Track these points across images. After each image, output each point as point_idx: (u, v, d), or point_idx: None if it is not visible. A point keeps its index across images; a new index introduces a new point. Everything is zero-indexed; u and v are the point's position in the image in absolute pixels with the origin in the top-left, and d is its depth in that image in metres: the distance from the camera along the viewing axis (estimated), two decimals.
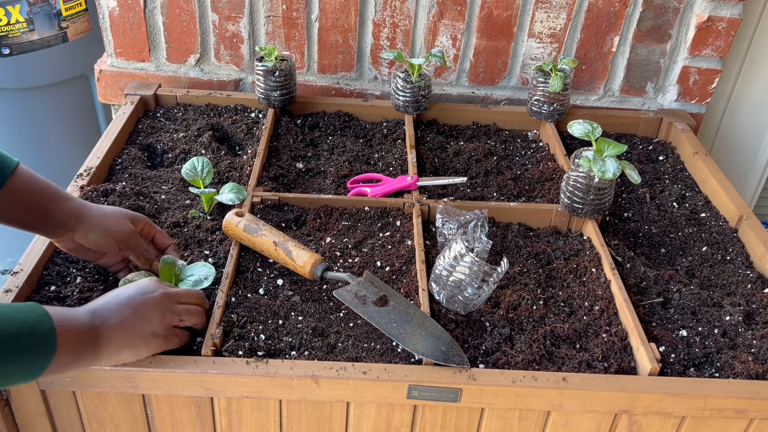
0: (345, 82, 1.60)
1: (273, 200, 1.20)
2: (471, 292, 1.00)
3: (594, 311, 1.03)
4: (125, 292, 0.87)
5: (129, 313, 0.84)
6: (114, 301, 0.85)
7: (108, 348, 0.82)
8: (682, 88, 1.57)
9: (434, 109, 1.51)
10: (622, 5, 1.48)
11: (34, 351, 0.74)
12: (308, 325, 0.97)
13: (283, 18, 1.51)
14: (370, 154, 1.40)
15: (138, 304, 0.85)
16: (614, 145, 1.12)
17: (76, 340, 0.79)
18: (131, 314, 0.84)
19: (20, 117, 1.93)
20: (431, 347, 0.91)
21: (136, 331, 0.84)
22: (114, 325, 0.82)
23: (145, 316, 0.85)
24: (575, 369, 0.93)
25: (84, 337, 0.80)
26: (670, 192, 1.34)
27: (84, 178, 1.19)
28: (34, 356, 0.74)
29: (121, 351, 0.84)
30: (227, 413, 0.92)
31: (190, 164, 1.18)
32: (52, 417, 0.93)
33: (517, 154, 1.44)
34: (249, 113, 1.48)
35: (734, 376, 0.94)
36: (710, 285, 1.13)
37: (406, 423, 0.93)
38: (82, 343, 0.79)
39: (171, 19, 1.51)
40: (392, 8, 1.49)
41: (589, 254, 1.13)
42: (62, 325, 0.77)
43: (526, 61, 1.56)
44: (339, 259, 1.11)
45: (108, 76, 1.58)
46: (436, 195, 1.26)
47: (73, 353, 0.78)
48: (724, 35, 1.49)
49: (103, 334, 0.81)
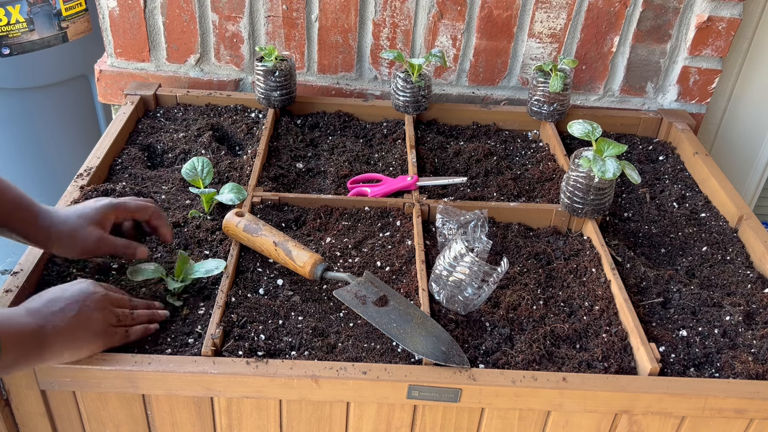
0: (345, 82, 1.60)
1: (273, 200, 1.20)
2: (471, 292, 1.00)
3: (594, 311, 1.03)
4: (66, 293, 0.87)
5: (71, 315, 0.84)
6: (56, 302, 0.85)
7: (51, 349, 0.82)
8: (682, 88, 1.57)
9: (434, 109, 1.51)
10: (622, 5, 1.48)
11: None
12: (308, 325, 0.97)
13: (283, 18, 1.51)
14: (370, 154, 1.40)
15: (80, 306, 0.86)
16: (614, 145, 1.12)
17: (19, 341, 0.79)
18: (73, 316, 0.84)
19: (20, 117, 1.93)
20: (431, 347, 0.91)
21: (79, 332, 0.85)
22: (57, 327, 0.82)
23: (87, 318, 0.86)
24: (575, 369, 0.93)
25: (27, 338, 0.80)
26: (670, 192, 1.34)
27: (84, 178, 1.19)
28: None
29: (63, 351, 0.84)
30: (227, 413, 0.92)
31: (190, 164, 1.18)
32: (52, 417, 0.93)
33: (517, 154, 1.44)
34: (249, 113, 1.48)
35: (734, 376, 0.94)
36: (710, 285, 1.13)
37: (406, 423, 0.93)
38: (25, 344, 0.79)
39: (171, 19, 1.51)
40: (392, 8, 1.49)
41: (589, 254, 1.13)
42: (4, 327, 0.77)
43: (526, 61, 1.56)
44: (339, 259, 1.11)
45: (108, 76, 1.58)
46: (436, 195, 1.26)
47: (16, 354, 0.78)
48: (724, 35, 1.49)
49: (47, 335, 0.81)
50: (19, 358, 0.79)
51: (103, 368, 0.87)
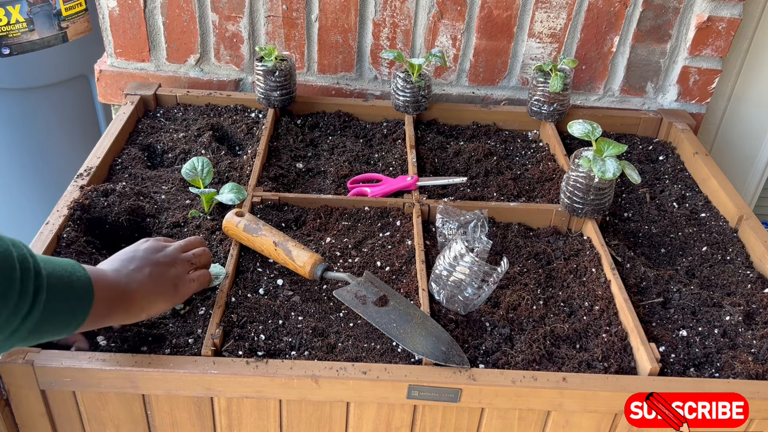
0: (345, 82, 1.60)
1: (273, 200, 1.20)
2: (471, 292, 1.00)
3: (594, 311, 1.03)
4: (138, 253, 0.91)
5: (148, 271, 0.89)
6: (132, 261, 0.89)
7: (138, 303, 0.86)
8: (682, 88, 1.57)
9: (434, 109, 1.51)
10: (622, 5, 1.48)
11: (74, 298, 0.77)
12: (308, 325, 0.97)
13: (283, 18, 1.51)
14: (370, 154, 1.40)
15: (154, 262, 0.91)
16: (614, 145, 1.12)
17: (109, 294, 0.83)
18: (150, 272, 0.89)
19: (20, 117, 1.93)
20: (431, 347, 0.91)
21: (159, 286, 0.90)
22: (141, 283, 0.87)
23: (163, 273, 0.91)
24: (575, 369, 0.93)
25: (115, 292, 0.84)
26: (670, 192, 1.34)
27: (84, 178, 1.19)
28: (75, 303, 0.77)
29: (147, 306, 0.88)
30: (227, 413, 0.92)
31: (190, 164, 1.18)
32: (52, 417, 0.93)
33: (517, 154, 1.44)
34: (249, 113, 1.48)
35: (734, 376, 0.94)
36: (710, 285, 1.13)
37: (406, 423, 0.93)
38: (114, 298, 0.83)
39: (171, 19, 1.51)
40: (392, 8, 1.49)
41: (589, 254, 1.13)
42: (95, 276, 0.81)
43: (526, 61, 1.56)
44: (339, 259, 1.11)
45: (108, 76, 1.58)
46: (436, 195, 1.26)
47: (107, 304, 0.82)
48: (724, 35, 1.49)
49: (132, 291, 0.86)
50: (109, 311, 0.82)
51: (103, 368, 0.87)
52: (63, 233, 1.07)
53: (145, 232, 1.14)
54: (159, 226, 1.14)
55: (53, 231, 1.06)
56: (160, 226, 1.14)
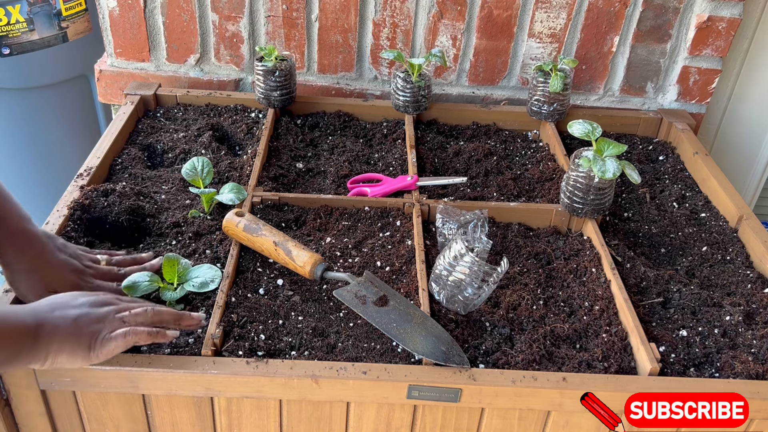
0: (345, 82, 1.60)
1: (273, 200, 1.20)
2: (471, 292, 1.00)
3: (594, 311, 1.03)
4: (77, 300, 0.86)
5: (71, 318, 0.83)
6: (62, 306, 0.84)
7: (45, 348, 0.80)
8: (682, 88, 1.57)
9: (434, 109, 1.51)
10: (622, 5, 1.48)
11: None
12: (308, 325, 0.97)
13: (283, 18, 1.51)
14: (370, 154, 1.40)
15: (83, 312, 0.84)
16: (614, 145, 1.12)
17: (14, 335, 0.78)
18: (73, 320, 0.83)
19: (20, 117, 1.93)
20: (431, 347, 0.91)
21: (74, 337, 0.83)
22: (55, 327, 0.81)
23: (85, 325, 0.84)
24: (575, 369, 0.93)
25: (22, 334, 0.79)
26: (670, 192, 1.34)
27: (84, 178, 1.19)
28: None
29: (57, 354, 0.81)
30: (227, 413, 0.92)
31: (190, 164, 1.18)
32: (52, 417, 0.93)
33: (517, 154, 1.44)
34: (249, 113, 1.48)
35: (734, 376, 0.94)
36: (710, 285, 1.13)
37: (406, 423, 0.93)
38: (20, 340, 0.79)
39: (171, 19, 1.51)
40: (392, 8, 1.49)
41: (589, 254, 1.13)
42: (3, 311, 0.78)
43: (526, 61, 1.56)
44: (339, 259, 1.11)
45: (108, 76, 1.58)
46: (436, 195, 1.26)
47: (11, 350, 0.78)
48: (724, 35, 1.49)
49: (41, 335, 0.80)
50: (14, 354, 0.78)
51: (103, 368, 0.87)
52: (63, 233, 1.07)
53: (145, 232, 1.14)
54: (159, 226, 1.14)
55: (53, 231, 1.06)
56: (160, 226, 1.14)
